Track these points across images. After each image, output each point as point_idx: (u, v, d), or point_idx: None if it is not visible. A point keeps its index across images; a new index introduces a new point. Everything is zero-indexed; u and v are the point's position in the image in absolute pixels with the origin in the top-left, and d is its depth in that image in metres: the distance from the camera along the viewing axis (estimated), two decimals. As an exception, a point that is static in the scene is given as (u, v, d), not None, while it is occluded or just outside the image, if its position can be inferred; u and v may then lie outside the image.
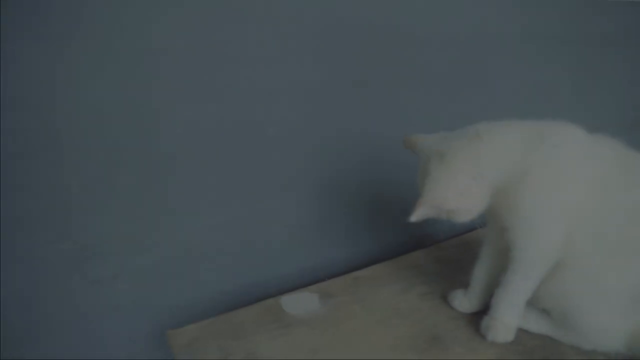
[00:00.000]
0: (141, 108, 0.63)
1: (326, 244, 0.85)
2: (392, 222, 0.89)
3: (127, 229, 0.67)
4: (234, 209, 0.74)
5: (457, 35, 0.88)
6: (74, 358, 0.66)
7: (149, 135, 0.65)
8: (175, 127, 0.66)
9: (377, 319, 0.63)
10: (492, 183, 0.53)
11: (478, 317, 0.61)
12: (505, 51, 0.95)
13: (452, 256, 0.79)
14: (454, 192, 0.52)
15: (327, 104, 0.78)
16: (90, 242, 0.65)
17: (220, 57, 0.67)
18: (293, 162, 0.78)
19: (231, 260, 0.76)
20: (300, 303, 0.68)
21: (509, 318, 0.57)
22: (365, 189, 0.86)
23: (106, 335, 0.69)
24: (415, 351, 0.57)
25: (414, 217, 0.52)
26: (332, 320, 0.64)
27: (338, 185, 0.83)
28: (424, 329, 0.61)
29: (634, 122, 1.25)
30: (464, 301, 0.64)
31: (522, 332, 0.59)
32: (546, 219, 0.52)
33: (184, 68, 0.65)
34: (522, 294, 0.56)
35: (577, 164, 0.52)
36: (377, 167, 0.85)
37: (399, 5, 0.80)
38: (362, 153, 0.84)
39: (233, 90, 0.69)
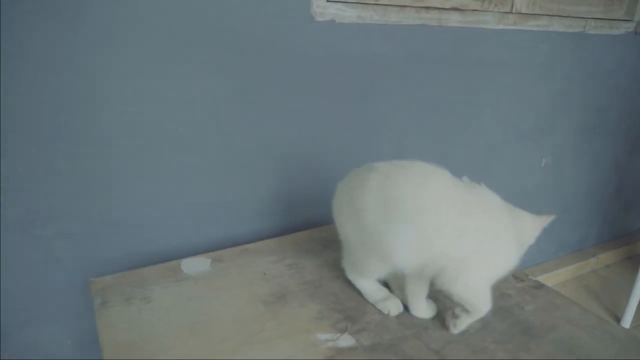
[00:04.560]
0: (79, 106, 0.82)
1: (235, 222, 1.05)
2: (288, 207, 1.10)
3: (66, 200, 0.87)
4: (155, 189, 0.94)
5: (351, 57, 1.06)
6: (19, 299, 0.87)
7: (87, 127, 0.84)
8: (109, 123, 0.85)
9: (247, 280, 0.85)
10: None
11: (320, 286, 0.83)
12: (392, 71, 1.14)
13: (328, 237, 0.99)
14: None
15: (234, 109, 0.97)
16: (36, 209, 0.84)
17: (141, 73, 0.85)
18: (207, 153, 0.97)
19: (150, 228, 0.97)
20: (195, 265, 0.89)
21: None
22: (269, 179, 1.06)
23: (48, 282, 0.90)
24: (263, 303, 0.78)
25: None
26: (214, 278, 0.85)
27: (246, 173, 1.03)
28: (278, 289, 0.82)
29: (519, 135, 1.46)
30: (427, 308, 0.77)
31: (344, 295, 0.80)
32: None
33: (118, 83, 0.83)
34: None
35: None
36: (278, 163, 1.06)
37: (294, 29, 0.98)
38: (267, 150, 1.04)
39: (163, 97, 0.88)
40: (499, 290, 0.84)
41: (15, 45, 0.75)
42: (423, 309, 0.76)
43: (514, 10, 1.27)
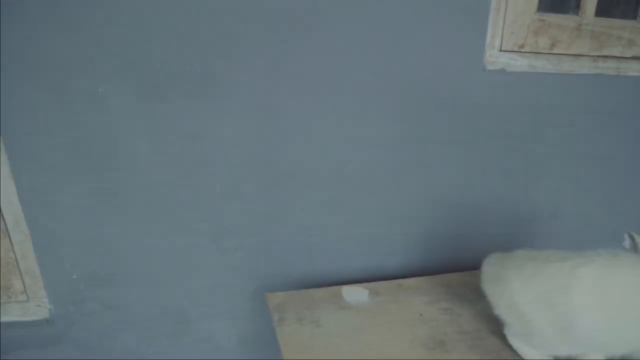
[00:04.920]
0: (268, 141, 0.95)
1: (386, 254, 1.12)
2: (436, 246, 1.13)
3: (249, 219, 1.01)
4: (322, 217, 1.05)
5: (519, 105, 1.06)
6: (201, 296, 1.04)
7: (275, 160, 0.97)
8: (291, 157, 0.97)
9: (405, 319, 0.90)
10: None
11: (479, 339, 0.85)
12: (561, 120, 1.10)
13: (477, 282, 1.00)
14: None
15: (402, 152, 1.03)
16: (224, 225, 1.00)
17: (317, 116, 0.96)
18: (371, 189, 1.05)
19: (313, 251, 1.07)
20: (354, 294, 0.97)
21: None
22: (422, 216, 1.11)
23: (225, 286, 1.05)
24: (425, 348, 0.83)
25: None
26: (375, 311, 0.92)
27: (403, 210, 1.09)
28: (436, 334, 0.86)
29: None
30: None
31: (505, 354, 0.81)
32: None
33: (300, 126, 0.95)
34: None
35: None
36: (434, 203, 1.09)
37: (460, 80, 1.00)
38: (425, 190, 1.08)
39: (339, 137, 0.98)
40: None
41: (231, 93, 0.90)
42: None
43: None
